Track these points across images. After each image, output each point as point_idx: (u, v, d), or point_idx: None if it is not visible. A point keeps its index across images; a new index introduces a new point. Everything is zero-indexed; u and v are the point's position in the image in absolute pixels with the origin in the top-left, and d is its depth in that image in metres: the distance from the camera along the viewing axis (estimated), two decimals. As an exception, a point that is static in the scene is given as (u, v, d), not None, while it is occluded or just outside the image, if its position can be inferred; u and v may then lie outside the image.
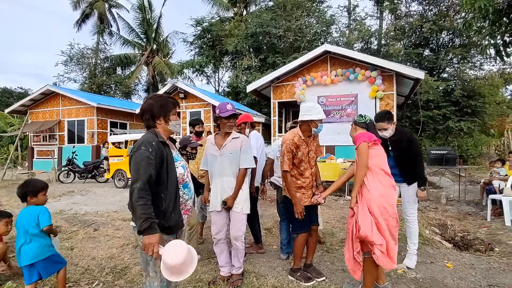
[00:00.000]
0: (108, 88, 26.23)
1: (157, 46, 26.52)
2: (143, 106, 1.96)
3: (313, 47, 17.76)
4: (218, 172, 2.88)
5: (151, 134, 1.90)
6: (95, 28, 26.35)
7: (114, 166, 9.95)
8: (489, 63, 16.92)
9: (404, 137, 3.19)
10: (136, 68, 25.99)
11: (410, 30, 17.94)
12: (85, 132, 15.05)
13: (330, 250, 3.84)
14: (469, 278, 3.04)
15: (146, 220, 1.67)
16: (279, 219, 5.17)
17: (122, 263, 3.54)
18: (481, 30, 6.54)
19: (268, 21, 18.09)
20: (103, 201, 7.49)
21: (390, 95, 9.74)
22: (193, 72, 24.16)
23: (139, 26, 25.40)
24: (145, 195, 1.71)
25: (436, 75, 17.16)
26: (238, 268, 2.94)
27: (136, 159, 1.77)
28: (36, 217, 2.49)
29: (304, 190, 2.91)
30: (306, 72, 10.82)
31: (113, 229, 4.98)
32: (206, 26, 22.30)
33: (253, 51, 19.53)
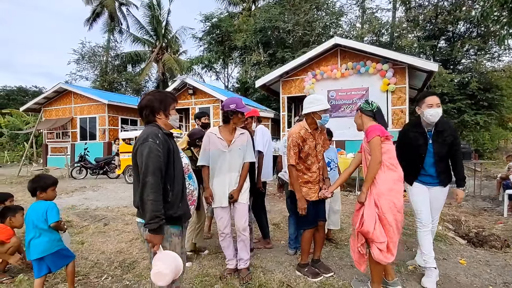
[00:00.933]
0: (119, 86, 26.60)
1: (167, 43, 26.67)
2: (142, 102, 1.94)
3: (322, 41, 17.51)
4: (227, 167, 2.85)
5: (155, 127, 1.89)
6: (105, 26, 26.69)
7: (124, 162, 10.08)
8: (508, 54, 16.30)
9: (449, 129, 2.75)
10: (146, 65, 26.23)
11: (423, 21, 17.42)
12: (96, 129, 15.30)
13: (339, 246, 3.78)
14: (483, 275, 2.93)
15: (155, 219, 1.68)
16: (287, 214, 5.14)
17: (130, 257, 3.57)
18: (499, 19, 6.29)
19: (277, 15, 17.90)
20: (113, 197, 7.60)
21: (403, 88, 9.50)
22: (202, 68, 24.23)
23: (149, 23, 25.58)
24: (156, 190, 1.70)
25: (451, 67, 16.63)
26: (246, 261, 2.93)
27: (144, 152, 1.74)
28: (44, 212, 2.51)
29: (311, 185, 2.85)
30: (315, 66, 10.66)
31: (123, 223, 5.04)
32: (215, 21, 22.27)
33: (262, 46, 19.39)
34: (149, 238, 1.73)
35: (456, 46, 16.25)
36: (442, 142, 2.72)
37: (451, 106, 15.09)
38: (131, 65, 27.55)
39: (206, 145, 2.88)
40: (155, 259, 1.77)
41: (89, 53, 25.93)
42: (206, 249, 3.69)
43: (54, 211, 2.55)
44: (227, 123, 2.89)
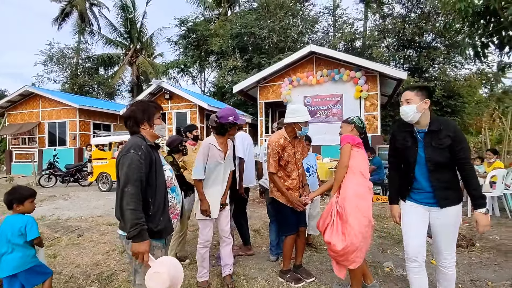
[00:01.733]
0: (91, 89, 25.56)
1: (141, 46, 26.05)
2: (126, 113, 1.94)
3: (297, 48, 17.92)
4: (221, 178, 2.87)
5: (138, 138, 1.88)
6: (75, 27, 25.61)
7: (98, 169, 9.72)
8: (469, 64, 17.54)
9: (447, 129, 2.07)
10: (120, 68, 25.45)
11: (393, 31, 18.35)
12: (66, 135, 14.62)
13: (318, 250, 3.87)
14: (452, 274, 3.12)
15: (135, 226, 1.65)
16: (267, 220, 5.19)
17: (108, 270, 3.45)
18: (460, 31, 6.77)
19: (252, 21, 18.13)
20: (87, 206, 7.29)
21: (374, 95, 9.93)
22: (178, 72, 23.94)
23: (122, 25, 24.88)
24: (135, 199, 1.69)
25: (418, 75, 17.62)
26: (230, 266, 2.96)
27: (126, 163, 1.74)
28: (22, 227, 2.38)
29: (291, 192, 2.92)
30: (292, 72, 10.90)
31: (98, 234, 4.86)
32: (191, 26, 22.12)
33: (238, 51, 19.50)
34: (133, 248, 1.67)
35: (423, 56, 17.27)
36: (436, 146, 2.09)
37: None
38: (103, 67, 26.60)
39: (204, 157, 2.79)
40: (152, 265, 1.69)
41: (57, 54, 24.76)
42: (188, 258, 3.65)
43: (34, 227, 2.42)
44: (223, 135, 2.87)
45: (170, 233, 2.00)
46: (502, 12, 5.46)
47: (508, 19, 5.17)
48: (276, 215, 3.07)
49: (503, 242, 4.09)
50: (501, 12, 5.54)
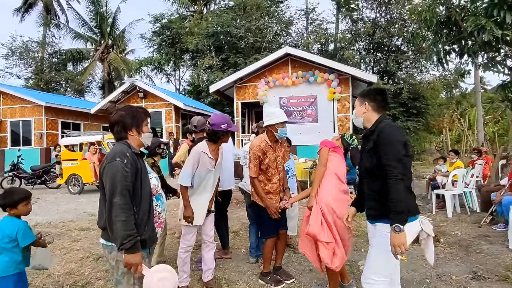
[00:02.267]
0: (58, 85, 24.25)
1: (113, 41, 25.07)
2: (114, 118, 1.89)
3: (273, 48, 18.11)
4: (211, 186, 2.87)
5: (124, 145, 1.84)
6: (40, 19, 24.13)
7: (67, 171, 9.29)
8: (433, 69, 18.65)
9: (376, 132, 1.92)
10: (90, 64, 24.35)
11: (364, 35, 19.07)
12: (32, 134, 13.81)
13: (296, 251, 3.97)
14: (421, 270, 3.36)
15: (128, 238, 1.64)
16: (246, 221, 5.25)
17: (82, 279, 3.34)
18: (425, 39, 7.20)
19: (229, 21, 18.07)
20: (56, 210, 6.97)
21: (347, 97, 10.29)
22: (152, 70, 23.32)
23: (92, 19, 23.80)
24: (126, 210, 1.67)
25: (387, 78, 18.47)
26: (212, 270, 2.99)
27: (112, 172, 1.70)
28: (12, 233, 2.25)
29: (272, 196, 3.00)
30: (268, 73, 11.02)
31: (70, 240, 4.67)
32: (165, 23, 21.62)
33: (214, 50, 19.36)
34: (127, 260, 1.66)
35: (391, 60, 18.12)
36: (366, 150, 1.98)
37: (387, 113, 16.73)
38: (71, 63, 25.30)
39: (194, 164, 2.75)
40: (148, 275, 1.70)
41: (20, 48, 23.20)
42: (166, 263, 3.62)
43: (26, 233, 2.30)
44: (215, 142, 2.84)
45: (154, 243, 1.99)
46: (462, 23, 5.88)
47: (468, 30, 5.57)
48: (257, 218, 3.14)
49: (464, 238, 4.43)
50: (461, 23, 5.97)
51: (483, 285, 2.97)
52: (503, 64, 6.51)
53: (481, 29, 5.40)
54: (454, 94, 23.62)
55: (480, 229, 4.80)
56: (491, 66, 6.55)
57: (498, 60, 6.53)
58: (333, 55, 18.96)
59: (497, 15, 5.30)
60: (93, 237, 4.85)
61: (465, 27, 5.65)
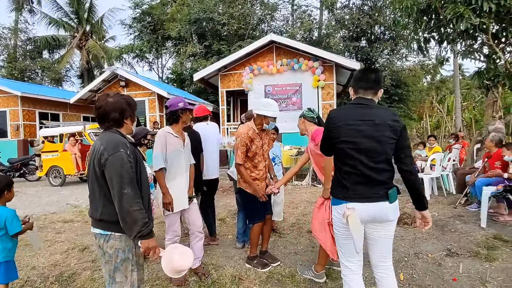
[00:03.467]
0: (34, 74, 23.21)
1: (91, 28, 24.05)
2: (109, 105, 1.80)
3: (257, 35, 17.92)
4: (184, 167, 2.86)
5: (117, 135, 1.80)
6: (11, 3, 22.80)
7: (48, 163, 9.03)
8: (413, 56, 19.03)
9: None
10: (67, 51, 23.34)
11: (349, 22, 19.14)
12: (7, 125, 13.26)
13: (282, 235, 4.09)
14: (400, 249, 3.53)
15: (146, 225, 1.69)
16: (232, 208, 5.34)
17: (68, 270, 3.32)
18: (406, 26, 7.33)
19: (212, 7, 17.66)
20: (37, 202, 6.81)
21: (331, 84, 10.39)
22: (134, 58, 22.65)
23: (68, 4, 22.66)
24: (138, 199, 1.70)
25: (370, 65, 18.70)
26: (201, 259, 3.04)
27: (117, 163, 1.67)
28: (1, 222, 2.31)
29: (258, 182, 3.05)
30: (252, 61, 10.95)
31: (54, 233, 4.61)
32: (146, 9, 20.89)
33: (197, 37, 18.96)
34: (146, 245, 1.72)
35: (374, 47, 18.33)
36: None
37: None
38: (47, 51, 24.18)
39: (163, 146, 2.74)
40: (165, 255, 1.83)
41: (-10, 34, 22.01)
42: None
43: (14, 221, 2.35)
44: (177, 123, 2.86)
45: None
46: (442, 10, 6.00)
47: (447, 18, 5.70)
48: (244, 204, 3.19)
49: (440, 218, 4.67)
50: (441, 11, 6.09)
51: (456, 261, 3.16)
52: (479, 52, 6.73)
53: (459, 17, 5.54)
54: (434, 80, 24.27)
55: (455, 210, 5.06)
56: (469, 54, 6.76)
57: (475, 48, 6.75)
58: (318, 42, 18.98)
59: (475, 3, 5.44)
60: (77, 228, 4.80)
61: (445, 15, 5.78)
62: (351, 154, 1.86)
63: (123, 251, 1.79)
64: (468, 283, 2.74)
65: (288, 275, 2.95)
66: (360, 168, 1.85)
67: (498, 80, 6.28)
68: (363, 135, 1.83)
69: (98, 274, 3.15)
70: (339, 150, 1.92)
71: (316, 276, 2.82)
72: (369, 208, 1.86)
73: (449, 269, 3.01)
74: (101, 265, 3.25)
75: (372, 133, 1.83)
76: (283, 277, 2.93)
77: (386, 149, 1.84)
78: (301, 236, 4.06)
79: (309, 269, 2.92)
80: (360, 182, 1.87)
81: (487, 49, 6.52)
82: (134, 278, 1.82)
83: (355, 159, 1.85)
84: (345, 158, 1.89)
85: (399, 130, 1.86)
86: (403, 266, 3.10)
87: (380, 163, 1.85)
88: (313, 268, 2.87)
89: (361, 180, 1.87)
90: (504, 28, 5.96)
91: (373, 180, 1.85)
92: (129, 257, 1.80)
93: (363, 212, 1.86)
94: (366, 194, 1.86)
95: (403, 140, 1.88)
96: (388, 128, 1.84)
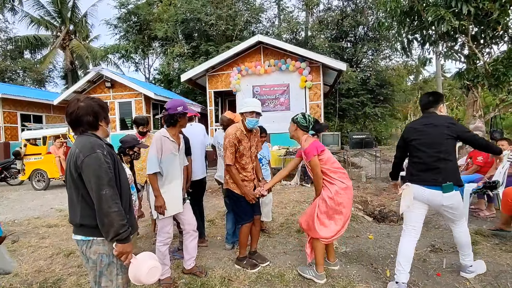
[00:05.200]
0: (15, 75, 22.52)
1: (74, 27, 23.51)
2: (82, 109, 1.77)
3: (245, 36, 17.93)
4: (179, 171, 2.86)
5: (92, 137, 1.78)
6: (-10, 2, 22.06)
7: (30, 166, 8.79)
8: (397, 56, 19.45)
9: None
10: (50, 52, 22.74)
11: (332, 23, 19.39)
12: (-13, 128, 12.83)
13: (271, 235, 4.12)
14: (386, 247, 3.61)
15: (123, 228, 1.66)
16: (221, 210, 5.33)
17: (53, 276, 3.24)
18: (390, 28, 7.49)
19: (199, 7, 17.54)
20: (20, 207, 6.62)
21: (318, 85, 10.50)
22: (119, 58, 22.24)
23: (51, 3, 22.05)
24: (117, 200, 1.67)
25: (354, 65, 19.02)
26: (194, 258, 3.05)
27: (95, 164, 1.65)
28: None
29: (246, 183, 3.07)
30: (240, 61, 10.94)
31: (37, 238, 4.49)
32: (132, 8, 20.56)
33: (184, 37, 18.80)
34: (120, 249, 1.68)
35: (358, 47, 18.62)
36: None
37: (355, 100, 17.35)
38: (29, 51, 23.48)
39: (158, 150, 2.72)
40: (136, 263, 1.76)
41: (-32, 34, 21.21)
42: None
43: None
44: (174, 126, 2.83)
45: (135, 231, 2.03)
46: (424, 13, 6.17)
47: (429, 20, 5.86)
48: (232, 205, 3.20)
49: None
50: (423, 13, 6.26)
51: (440, 256, 3.26)
52: (460, 53, 6.94)
53: (440, 20, 5.71)
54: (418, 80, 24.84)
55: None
56: (450, 55, 6.97)
57: (455, 49, 6.96)
58: (304, 42, 19.15)
59: (455, 6, 5.62)
60: (62, 233, 4.69)
61: (426, 17, 5.94)
62: (417, 147, 2.58)
63: (107, 255, 1.76)
64: (451, 278, 2.83)
65: (278, 275, 2.97)
66: (423, 158, 2.54)
67: (477, 80, 6.49)
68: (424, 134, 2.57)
69: (84, 279, 3.09)
70: (410, 147, 2.65)
71: (317, 277, 2.82)
72: (424, 190, 2.53)
73: (434, 265, 3.09)
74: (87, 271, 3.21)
75: (431, 132, 2.54)
76: (273, 277, 2.95)
77: (443, 143, 2.50)
78: (290, 235, 4.09)
79: (310, 268, 2.90)
80: (423, 170, 2.55)
81: (467, 50, 6.74)
82: (119, 282, 1.80)
83: (420, 151, 2.56)
84: (413, 151, 2.63)
85: (455, 128, 2.52)
86: (389, 263, 3.17)
87: (439, 153, 2.48)
88: (314, 268, 2.86)
89: (423, 168, 2.54)
90: (482, 30, 6.17)
91: (433, 167, 2.50)
92: (113, 261, 1.78)
93: (418, 192, 2.55)
94: (425, 178, 2.53)
95: (462, 133, 2.53)
96: (445, 128, 2.51)
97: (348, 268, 3.10)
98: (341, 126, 17.90)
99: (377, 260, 3.26)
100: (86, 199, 1.70)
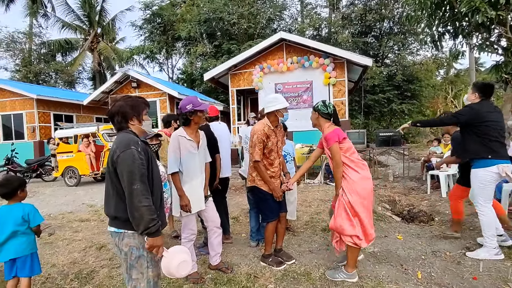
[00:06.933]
0: (48, 77, 23.75)
1: (102, 30, 24.46)
2: (113, 109, 1.89)
3: (267, 34, 17.86)
4: (199, 169, 2.89)
5: (129, 134, 1.86)
6: (26, 8, 23.35)
7: (63, 163, 9.24)
8: (425, 50, 18.61)
9: None
10: (79, 54, 23.81)
11: (355, 18, 18.87)
12: (24, 127, 13.62)
13: (296, 233, 4.08)
14: (417, 247, 3.47)
15: (153, 222, 1.71)
16: (245, 207, 5.34)
17: (87, 267, 3.40)
18: (419, 21, 7.17)
19: (221, 7, 17.67)
20: (54, 202, 6.98)
21: (342, 81, 10.27)
22: (144, 59, 22.88)
23: (80, 7, 23.08)
24: (148, 196, 1.73)
25: (380, 61, 18.42)
26: (220, 254, 3.08)
27: (128, 159, 1.73)
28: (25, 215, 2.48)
29: (274, 180, 3.04)
30: (262, 59, 10.91)
31: (71, 231, 4.72)
32: (156, 10, 21.07)
33: (207, 37, 19.02)
34: (151, 243, 1.74)
35: (384, 42, 18.01)
36: None
37: (381, 96, 16.80)
38: (61, 54, 24.70)
39: (176, 150, 2.77)
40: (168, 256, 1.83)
41: (6, 39, 22.54)
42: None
43: (37, 214, 2.54)
44: (189, 125, 2.86)
45: (165, 226, 2.07)
46: (457, 4, 5.85)
47: (462, 11, 5.55)
48: (258, 202, 3.19)
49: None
50: (455, 4, 5.94)
51: (476, 260, 3.08)
52: (496, 45, 6.53)
53: (475, 11, 5.39)
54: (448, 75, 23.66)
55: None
56: (485, 47, 6.57)
57: (492, 41, 6.55)
58: (327, 39, 18.81)
59: (491, -5, 5.28)
60: (94, 227, 4.90)
61: (459, 9, 5.63)
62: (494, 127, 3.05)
63: (137, 248, 1.82)
64: (489, 282, 2.67)
65: (304, 273, 2.94)
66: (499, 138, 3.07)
67: (517, 73, 6.08)
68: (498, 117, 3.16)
69: (116, 272, 3.21)
70: (484, 128, 3.06)
71: (349, 277, 2.78)
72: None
73: (469, 268, 2.94)
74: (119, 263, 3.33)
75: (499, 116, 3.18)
76: (299, 275, 2.93)
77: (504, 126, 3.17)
78: (316, 234, 4.04)
79: (339, 271, 2.85)
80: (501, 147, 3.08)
81: (505, 41, 6.32)
82: (149, 274, 1.85)
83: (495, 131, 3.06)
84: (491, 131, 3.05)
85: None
86: (420, 265, 3.04)
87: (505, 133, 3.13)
88: (344, 269, 2.82)
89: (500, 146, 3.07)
90: (522, 20, 5.76)
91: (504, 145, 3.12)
92: (143, 254, 1.83)
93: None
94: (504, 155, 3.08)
95: None
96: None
97: (376, 268, 3.01)
98: (366, 123, 17.43)
99: (407, 261, 3.14)
100: (119, 193, 1.77)
